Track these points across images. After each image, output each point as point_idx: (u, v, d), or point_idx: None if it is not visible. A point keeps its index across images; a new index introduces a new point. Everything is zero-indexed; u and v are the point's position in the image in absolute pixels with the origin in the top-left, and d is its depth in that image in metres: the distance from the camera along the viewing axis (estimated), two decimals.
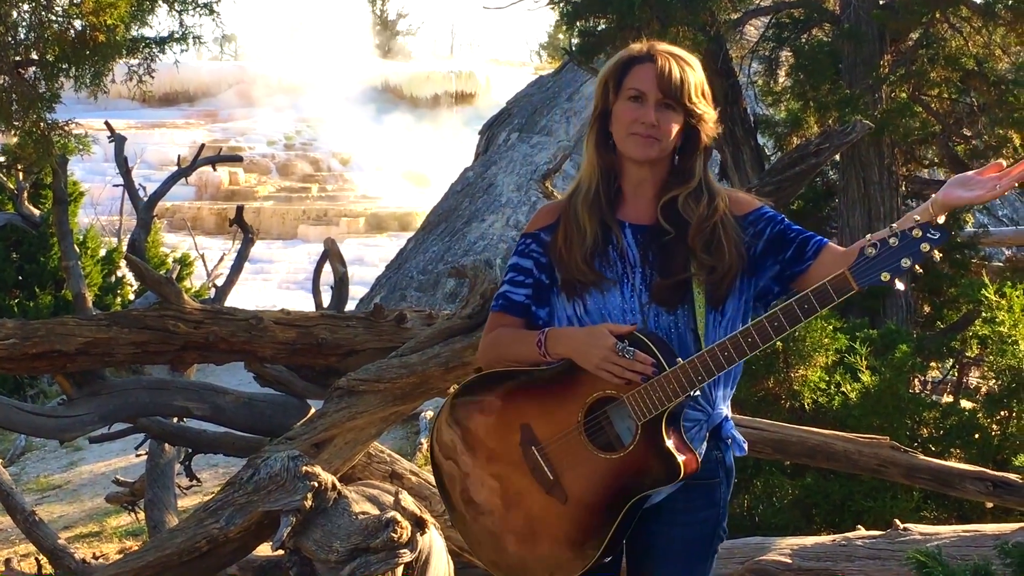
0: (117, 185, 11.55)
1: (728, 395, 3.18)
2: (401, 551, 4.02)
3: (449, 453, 3.23)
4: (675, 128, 3.05)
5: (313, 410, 5.62)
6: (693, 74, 3.08)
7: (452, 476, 3.23)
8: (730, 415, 3.20)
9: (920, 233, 2.79)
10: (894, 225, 2.86)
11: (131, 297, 15.78)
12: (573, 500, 3.03)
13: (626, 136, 3.06)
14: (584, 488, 3.02)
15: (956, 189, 2.88)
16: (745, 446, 3.22)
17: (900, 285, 2.82)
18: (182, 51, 6.96)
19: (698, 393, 2.98)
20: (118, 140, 9.05)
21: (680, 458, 2.96)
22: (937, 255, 2.81)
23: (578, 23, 9.99)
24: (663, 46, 3.12)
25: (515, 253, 3.24)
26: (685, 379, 2.91)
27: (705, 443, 3.11)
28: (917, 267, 2.81)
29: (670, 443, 2.96)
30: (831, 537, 5.24)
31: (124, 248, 12.47)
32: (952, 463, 5.71)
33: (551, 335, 3.06)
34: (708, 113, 3.09)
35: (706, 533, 3.16)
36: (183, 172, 9.25)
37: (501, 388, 3.15)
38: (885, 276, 2.81)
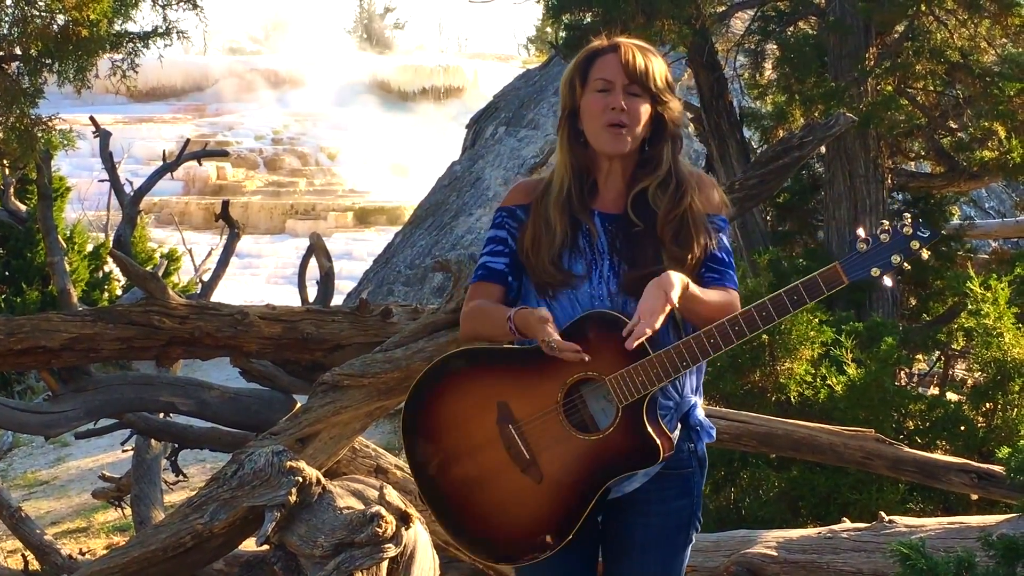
0: (103, 180, 11.52)
1: (697, 383, 3.21)
2: (386, 546, 4.02)
3: (422, 429, 3.21)
4: (644, 114, 3.08)
5: (298, 405, 5.61)
6: (657, 62, 3.13)
7: (425, 452, 3.21)
8: (700, 403, 3.22)
9: (911, 231, 2.84)
10: (884, 222, 2.89)
11: (118, 292, 15.72)
12: (548, 480, 3.04)
13: (600, 129, 3.08)
14: (560, 468, 3.02)
15: None
16: (713, 432, 3.24)
17: (888, 281, 2.90)
18: (166, 46, 6.95)
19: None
20: (103, 135, 9.04)
21: (659, 442, 3.00)
22: (925, 254, 2.86)
23: (564, 17, 9.97)
24: (624, 38, 3.16)
25: (492, 226, 3.27)
26: (669, 364, 2.94)
27: (678, 432, 3.13)
28: (906, 264, 2.85)
29: (650, 427, 2.98)
30: (817, 530, 5.25)
31: (110, 243, 12.43)
32: (937, 455, 5.73)
33: (518, 316, 3.06)
34: (673, 101, 3.13)
35: (682, 522, 3.18)
36: (168, 167, 9.24)
37: (478, 364, 3.15)
38: (875, 271, 2.86)
